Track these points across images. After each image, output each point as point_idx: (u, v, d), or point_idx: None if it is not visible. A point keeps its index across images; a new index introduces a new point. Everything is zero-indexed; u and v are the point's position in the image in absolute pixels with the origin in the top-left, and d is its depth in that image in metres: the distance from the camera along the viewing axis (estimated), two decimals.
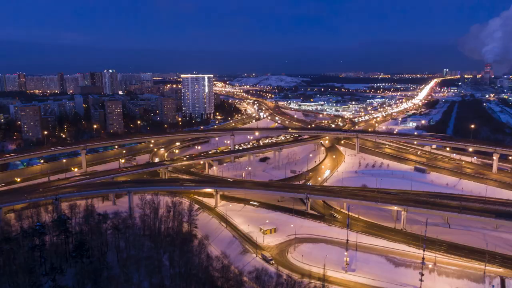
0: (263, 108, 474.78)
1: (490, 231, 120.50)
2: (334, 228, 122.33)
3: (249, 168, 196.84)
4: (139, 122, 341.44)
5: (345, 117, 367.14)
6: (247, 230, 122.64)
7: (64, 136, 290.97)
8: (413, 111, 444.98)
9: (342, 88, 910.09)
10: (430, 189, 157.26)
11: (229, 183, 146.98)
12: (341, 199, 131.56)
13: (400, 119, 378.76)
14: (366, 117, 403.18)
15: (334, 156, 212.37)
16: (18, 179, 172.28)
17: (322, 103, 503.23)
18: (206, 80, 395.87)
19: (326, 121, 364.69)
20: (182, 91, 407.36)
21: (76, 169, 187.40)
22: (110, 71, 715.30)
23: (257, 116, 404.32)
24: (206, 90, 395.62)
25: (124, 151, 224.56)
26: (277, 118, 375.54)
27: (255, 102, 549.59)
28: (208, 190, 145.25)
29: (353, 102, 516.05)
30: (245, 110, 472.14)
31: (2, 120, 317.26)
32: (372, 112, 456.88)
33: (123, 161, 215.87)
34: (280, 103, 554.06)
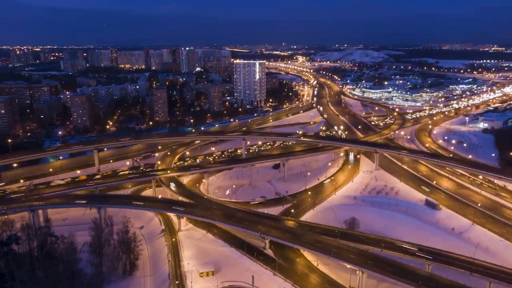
0: (324, 93, 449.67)
1: None
2: (277, 279, 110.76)
3: (250, 180, 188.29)
4: (177, 111, 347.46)
5: (395, 112, 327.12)
6: (187, 268, 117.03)
7: (111, 123, 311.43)
8: (495, 105, 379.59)
9: (433, 66, 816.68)
10: (429, 233, 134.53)
11: (185, 210, 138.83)
12: (296, 246, 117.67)
13: (469, 116, 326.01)
14: (436, 110, 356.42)
15: (347, 171, 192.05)
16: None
17: (390, 89, 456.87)
18: (257, 66, 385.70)
19: (375, 117, 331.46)
20: (234, 77, 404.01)
21: (79, 171, 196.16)
22: (187, 48, 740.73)
23: (311, 104, 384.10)
24: (257, 77, 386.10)
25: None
26: (329, 108, 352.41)
27: (319, 85, 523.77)
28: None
29: (427, 90, 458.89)
30: (303, 96, 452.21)
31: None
32: (454, 101, 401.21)
33: (140, 158, 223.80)
34: (348, 87, 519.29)
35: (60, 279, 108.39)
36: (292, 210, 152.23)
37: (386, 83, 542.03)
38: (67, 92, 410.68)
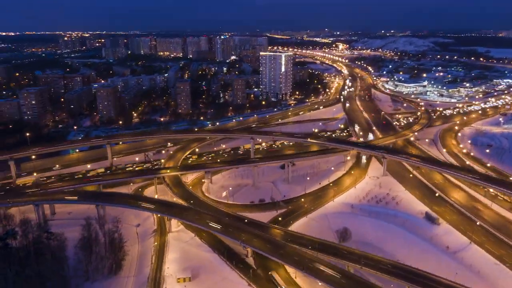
0: (354, 86, 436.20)
1: None
2: None
3: (253, 178, 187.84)
4: (201, 103, 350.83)
5: (422, 109, 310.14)
6: (166, 272, 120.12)
7: (135, 114, 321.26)
8: None
9: (481, 56, 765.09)
10: (422, 249, 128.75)
11: (172, 211, 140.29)
12: (273, 258, 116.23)
13: (506, 116, 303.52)
14: (471, 108, 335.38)
15: (352, 176, 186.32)
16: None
17: (425, 83, 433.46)
18: (283, 58, 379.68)
19: (401, 115, 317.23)
20: (261, 69, 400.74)
21: (89, 165, 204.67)
22: (222, 37, 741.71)
23: (338, 98, 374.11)
24: (283, 69, 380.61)
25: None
26: (355, 104, 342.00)
27: (351, 77, 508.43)
28: None
29: (467, 84, 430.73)
30: (332, 88, 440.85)
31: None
32: (493, 97, 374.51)
33: (154, 152, 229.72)
34: (382, 79, 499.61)
35: (48, 276, 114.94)
36: (285, 216, 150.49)
37: (424, 75, 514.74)
38: (102, 81, 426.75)
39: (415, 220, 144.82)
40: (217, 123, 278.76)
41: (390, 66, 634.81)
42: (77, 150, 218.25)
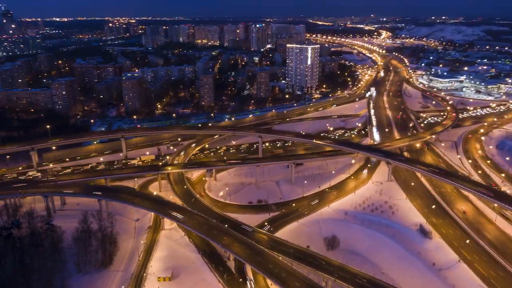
0: (386, 80, 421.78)
1: None
2: None
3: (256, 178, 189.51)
4: (225, 96, 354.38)
5: (448, 108, 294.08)
6: (150, 270, 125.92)
7: (159, 106, 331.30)
8: None
9: None
10: (407, 263, 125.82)
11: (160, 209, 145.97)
12: (248, 264, 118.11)
13: None
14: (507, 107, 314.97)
15: (355, 180, 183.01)
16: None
17: (462, 78, 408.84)
18: (310, 51, 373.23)
19: (428, 113, 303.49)
20: (287, 61, 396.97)
21: (101, 158, 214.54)
22: (258, 25, 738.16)
23: (364, 93, 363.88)
24: (309, 62, 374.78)
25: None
26: (381, 100, 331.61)
27: (385, 70, 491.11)
28: None
29: (510, 80, 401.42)
30: (361, 82, 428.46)
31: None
32: None
33: (168, 145, 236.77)
34: (418, 72, 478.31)
35: (44, 267, 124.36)
36: (277, 220, 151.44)
37: (466, 68, 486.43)
38: (136, 70, 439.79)
39: (407, 232, 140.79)
40: (233, 118, 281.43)
41: (431, 58, 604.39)
42: (95, 142, 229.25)
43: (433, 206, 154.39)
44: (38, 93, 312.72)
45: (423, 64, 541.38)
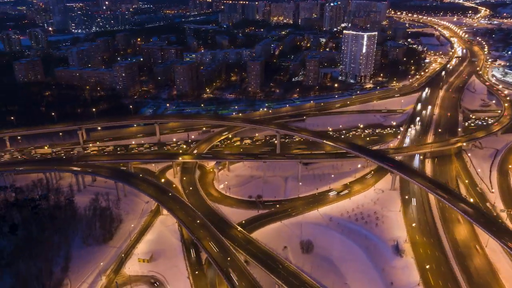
0: (454, 71, 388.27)
1: None
2: (187, 284, 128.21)
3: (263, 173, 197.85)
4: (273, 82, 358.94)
5: (506, 109, 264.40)
6: (136, 251, 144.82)
7: (208, 89, 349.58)
8: None
9: None
10: (368, 279, 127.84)
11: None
12: (211, 260, 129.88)
13: None
14: None
15: (357, 185, 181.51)
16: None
17: None
18: (365, 39, 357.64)
19: (483, 113, 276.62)
20: (342, 48, 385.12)
21: (133, 141, 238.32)
22: (332, 4, 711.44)
23: (421, 86, 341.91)
24: (364, 50, 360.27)
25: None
26: (435, 95, 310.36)
27: (459, 58, 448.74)
28: None
29: None
30: (426, 71, 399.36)
31: None
32: None
33: (199, 132, 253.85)
34: (497, 62, 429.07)
35: (54, 237, 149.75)
36: (263, 218, 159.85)
37: None
38: (202, 50, 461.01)
39: (382, 247, 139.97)
40: (271, 109, 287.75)
41: None
42: (135, 125, 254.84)
43: (413, 225, 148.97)
44: (105, 73, 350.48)
45: (510, 53, 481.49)
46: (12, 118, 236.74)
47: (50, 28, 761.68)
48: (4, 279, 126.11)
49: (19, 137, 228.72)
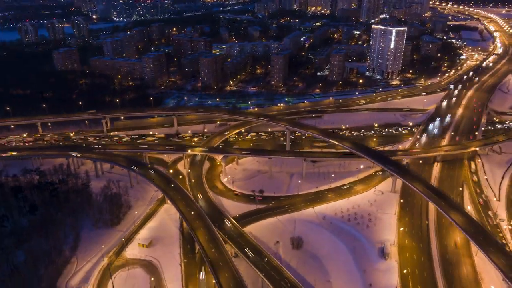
0: (489, 69, 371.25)
1: None
2: (177, 272, 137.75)
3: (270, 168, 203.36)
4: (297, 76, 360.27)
5: None
6: (138, 236, 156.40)
7: (231, 82, 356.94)
8: None
9: None
10: (349, 279, 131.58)
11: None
12: (203, 253, 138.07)
13: None
14: None
15: (359, 185, 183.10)
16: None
17: None
18: (394, 34, 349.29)
19: (506, 116, 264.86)
20: (370, 43, 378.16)
21: (151, 132, 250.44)
22: None
23: (451, 84, 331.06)
24: (392, 46, 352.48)
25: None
26: (463, 95, 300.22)
27: (498, 56, 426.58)
28: None
29: None
30: (459, 69, 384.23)
31: None
32: None
33: (216, 125, 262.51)
34: None
35: (70, 219, 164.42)
36: (260, 212, 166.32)
37: None
38: (234, 40, 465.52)
39: (368, 248, 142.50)
40: (290, 103, 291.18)
41: None
42: (156, 116, 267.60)
43: (401, 230, 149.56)
44: (135, 64, 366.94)
45: None
46: (44, 105, 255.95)
47: (94, 16, 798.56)
48: (18, 254, 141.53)
49: (49, 124, 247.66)
